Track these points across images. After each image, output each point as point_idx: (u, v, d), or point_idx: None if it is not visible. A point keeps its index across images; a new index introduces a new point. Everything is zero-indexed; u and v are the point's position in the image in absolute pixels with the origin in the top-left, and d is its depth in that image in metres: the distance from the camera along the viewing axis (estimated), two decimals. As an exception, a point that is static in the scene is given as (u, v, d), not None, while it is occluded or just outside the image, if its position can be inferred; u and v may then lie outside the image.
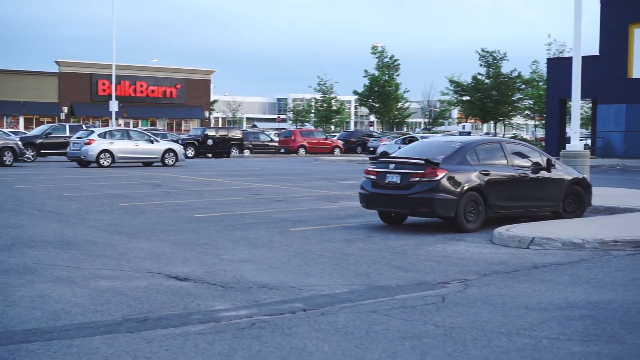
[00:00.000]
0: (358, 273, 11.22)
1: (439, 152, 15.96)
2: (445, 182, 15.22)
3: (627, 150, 48.16)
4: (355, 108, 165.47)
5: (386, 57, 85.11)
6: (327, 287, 10.19)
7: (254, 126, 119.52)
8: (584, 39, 22.57)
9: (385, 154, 28.38)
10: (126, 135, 41.00)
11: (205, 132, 55.96)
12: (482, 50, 79.57)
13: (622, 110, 48.81)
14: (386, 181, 15.78)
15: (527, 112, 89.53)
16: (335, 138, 66.61)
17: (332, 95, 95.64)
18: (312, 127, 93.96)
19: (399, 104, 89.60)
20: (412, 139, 34.67)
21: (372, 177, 16.13)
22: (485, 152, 16.40)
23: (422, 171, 15.29)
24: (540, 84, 78.06)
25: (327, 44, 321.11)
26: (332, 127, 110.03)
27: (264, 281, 10.55)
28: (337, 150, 61.43)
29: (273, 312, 8.78)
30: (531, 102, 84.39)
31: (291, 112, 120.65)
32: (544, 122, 69.40)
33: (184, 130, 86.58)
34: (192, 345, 7.41)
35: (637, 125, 47.96)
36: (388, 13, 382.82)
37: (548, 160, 17.12)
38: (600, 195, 20.53)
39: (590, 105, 66.75)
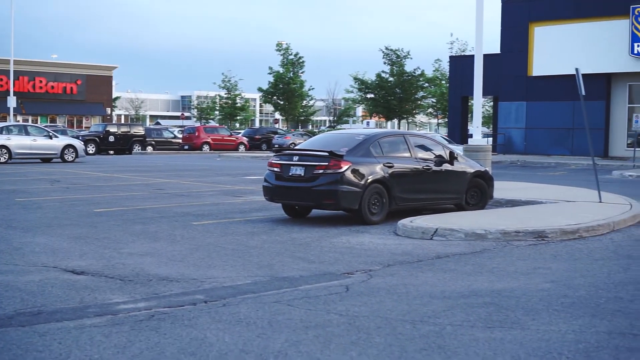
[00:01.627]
0: (261, 265, 11.03)
1: (342, 145, 15.87)
2: (349, 174, 15.15)
3: (528, 146, 49.17)
4: (261, 106, 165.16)
5: (291, 54, 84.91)
6: (229, 279, 9.97)
7: (158, 123, 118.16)
8: (486, 38, 22.87)
9: None
10: (24, 130, 39.83)
11: (107, 129, 54.77)
12: (386, 49, 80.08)
13: (522, 108, 49.77)
14: (290, 173, 15.62)
15: (430, 110, 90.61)
16: (240, 135, 66.25)
17: (237, 93, 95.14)
18: (217, 124, 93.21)
19: (304, 102, 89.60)
20: None
21: (275, 169, 15.95)
22: (388, 144, 16.39)
23: (326, 163, 15.19)
24: (443, 82, 79.10)
25: (231, 42, 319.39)
26: (237, 124, 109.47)
27: (165, 274, 10.26)
28: (241, 147, 61.13)
29: (173, 304, 8.52)
30: (434, 100, 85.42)
31: (195, 110, 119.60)
32: (446, 120, 70.40)
33: (85, 127, 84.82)
34: (87, 338, 7.10)
35: (537, 122, 48.99)
36: (293, 11, 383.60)
37: (451, 153, 17.21)
38: (502, 189, 20.82)
39: (492, 103, 67.92)
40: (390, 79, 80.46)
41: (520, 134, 49.81)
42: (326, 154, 15.29)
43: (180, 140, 60.86)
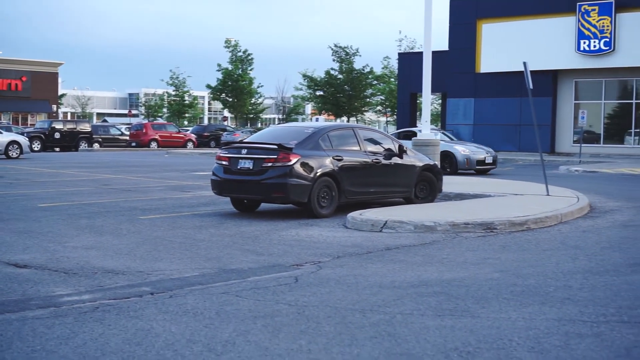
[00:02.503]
0: (209, 257, 10.88)
1: (291, 138, 15.75)
2: (298, 167, 15.03)
3: (476, 142, 49.39)
4: (209, 104, 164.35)
5: (240, 51, 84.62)
6: (176, 272, 9.79)
7: (105, 121, 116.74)
8: (434, 35, 22.90)
9: None
10: (-33, 126, 39.11)
11: (52, 125, 53.91)
12: (335, 46, 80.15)
13: (470, 104, 50.08)
14: (239, 167, 15.46)
15: (379, 107, 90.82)
16: (188, 132, 65.78)
17: (185, 90, 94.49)
18: (164, 121, 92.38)
19: (253, 99, 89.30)
20: (409, 133, 30.91)
21: (224, 163, 15.77)
22: (338, 138, 16.31)
23: (275, 156, 15.05)
24: (392, 80, 79.30)
25: (179, 39, 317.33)
26: (186, 122, 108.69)
27: (110, 267, 10.06)
28: (190, 144, 60.62)
29: (118, 296, 8.33)
30: (382, 98, 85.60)
31: (143, 107, 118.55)
32: (395, 117, 70.57)
33: (30, 124, 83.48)
34: (29, 329, 6.90)
35: (484, 118, 49.33)
36: (241, 9, 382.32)
37: (400, 147, 17.19)
38: (451, 183, 20.89)
39: (440, 101, 68.27)
40: (340, 76, 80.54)
41: (469, 130, 50.09)
42: (275, 147, 15.16)
43: (127, 137, 60.16)
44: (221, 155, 15.93)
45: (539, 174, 21.13)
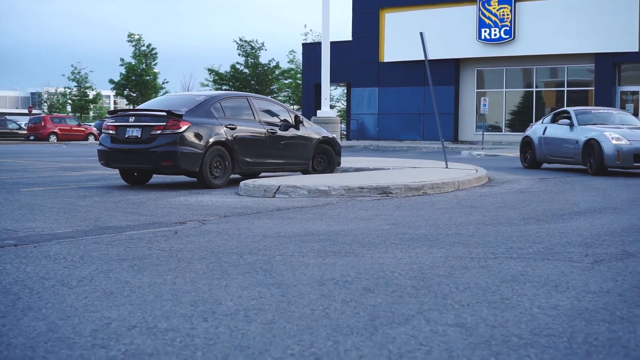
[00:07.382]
0: (87, 218, 10.23)
1: (183, 105, 15.14)
2: (189, 134, 14.43)
3: (380, 132, 49.48)
4: (115, 103, 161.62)
5: (143, 45, 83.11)
6: (48, 229, 9.13)
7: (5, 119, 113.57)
8: (339, 26, 22.80)
9: (529, 140, 22.88)
10: None
11: (-54, 118, 52.04)
12: (240, 40, 79.40)
13: (374, 94, 50.02)
14: (126, 135, 14.76)
15: (286, 104, 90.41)
16: (90, 126, 64.17)
17: (88, 85, 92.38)
18: (64, 114, 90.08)
19: (158, 95, 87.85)
20: (564, 114, 21.90)
21: (111, 132, 15.06)
22: (231, 106, 15.77)
23: (164, 123, 14.41)
24: (298, 75, 78.98)
25: (84, 39, 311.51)
26: (90, 118, 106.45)
27: (-24, 226, 9.34)
28: (91, 137, 59.11)
29: (-23, 247, 7.67)
30: (290, 94, 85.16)
31: (46, 105, 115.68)
32: (301, 111, 70.31)
33: None
34: None
35: (388, 108, 49.35)
36: (147, 8, 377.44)
37: (296, 117, 16.77)
38: (352, 162, 20.65)
39: (345, 95, 68.21)
40: (245, 70, 79.82)
41: (373, 120, 50.07)
42: (164, 113, 14.52)
43: (26, 131, 58.38)
44: (108, 124, 15.21)
45: (441, 158, 20.99)
